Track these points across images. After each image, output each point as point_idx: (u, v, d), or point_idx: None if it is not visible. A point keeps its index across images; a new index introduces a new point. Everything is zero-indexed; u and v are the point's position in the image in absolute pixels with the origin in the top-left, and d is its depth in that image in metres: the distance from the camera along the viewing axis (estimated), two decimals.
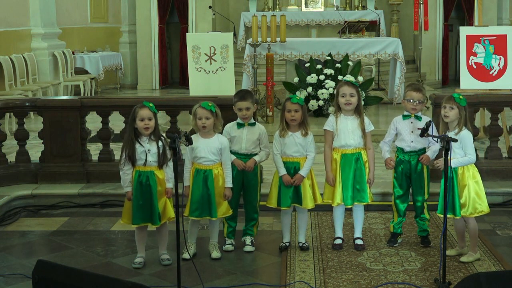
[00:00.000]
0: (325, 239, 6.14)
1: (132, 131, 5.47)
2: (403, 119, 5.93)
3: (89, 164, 7.80)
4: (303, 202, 5.82)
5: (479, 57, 9.03)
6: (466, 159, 5.49)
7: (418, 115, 5.89)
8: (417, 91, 5.85)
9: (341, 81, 6.36)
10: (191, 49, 8.91)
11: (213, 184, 5.63)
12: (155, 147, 5.47)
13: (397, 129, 5.92)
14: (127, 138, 5.50)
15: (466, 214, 5.52)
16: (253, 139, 5.84)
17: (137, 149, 5.45)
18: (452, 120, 5.51)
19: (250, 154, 5.84)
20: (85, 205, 7.31)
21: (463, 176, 5.51)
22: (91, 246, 6.08)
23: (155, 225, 5.52)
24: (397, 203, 5.99)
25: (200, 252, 5.82)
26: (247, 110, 5.81)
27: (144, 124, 5.43)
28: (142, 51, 16.65)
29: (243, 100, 5.82)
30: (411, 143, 5.87)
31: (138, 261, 5.57)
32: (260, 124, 6.00)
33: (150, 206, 5.47)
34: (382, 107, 12.30)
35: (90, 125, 8.12)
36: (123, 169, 5.50)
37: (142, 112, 5.45)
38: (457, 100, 5.47)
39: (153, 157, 5.47)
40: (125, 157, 5.47)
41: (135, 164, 5.47)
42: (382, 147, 5.97)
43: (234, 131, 5.86)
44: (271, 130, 9.11)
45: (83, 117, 7.78)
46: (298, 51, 11.95)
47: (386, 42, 12.33)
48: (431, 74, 16.64)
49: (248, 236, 5.98)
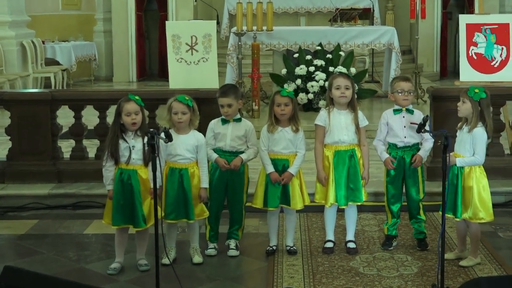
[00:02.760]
0: (315, 242, 6.15)
1: (117, 126, 5.47)
2: (394, 113, 5.94)
3: (60, 163, 7.78)
4: (291, 202, 5.82)
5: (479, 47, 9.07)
6: (472, 160, 5.51)
7: (409, 108, 5.92)
8: (406, 81, 5.91)
9: (334, 73, 6.38)
10: (171, 38, 8.89)
11: (189, 184, 5.63)
12: (140, 144, 5.46)
13: (388, 124, 5.94)
14: (111, 134, 5.50)
15: (467, 217, 5.55)
16: (238, 136, 5.84)
17: (120, 145, 5.44)
18: (464, 114, 5.55)
19: (236, 151, 5.84)
20: (56, 206, 7.28)
21: (469, 177, 5.52)
22: (63, 251, 6.05)
23: (139, 228, 5.50)
24: (390, 204, 6.01)
25: (180, 256, 5.81)
26: (229, 107, 5.80)
27: (131, 119, 5.42)
28: (118, 40, 16.57)
29: (224, 96, 5.82)
30: (405, 138, 5.90)
31: (114, 266, 5.55)
32: (247, 120, 5.99)
33: (131, 207, 5.46)
34: (376, 101, 12.33)
35: (61, 120, 8.08)
36: (105, 165, 5.51)
37: (128, 106, 5.43)
38: (469, 94, 5.49)
39: (138, 154, 5.45)
40: (107, 153, 5.48)
41: (118, 161, 5.46)
42: (377, 146, 5.98)
43: (218, 128, 5.85)
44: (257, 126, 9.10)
45: (54, 112, 7.74)
46: (286, 40, 11.94)
47: (381, 31, 12.35)
48: (428, 66, 16.68)
49: (232, 239, 5.98)
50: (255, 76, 10.90)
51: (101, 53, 16.97)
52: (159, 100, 7.67)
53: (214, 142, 5.84)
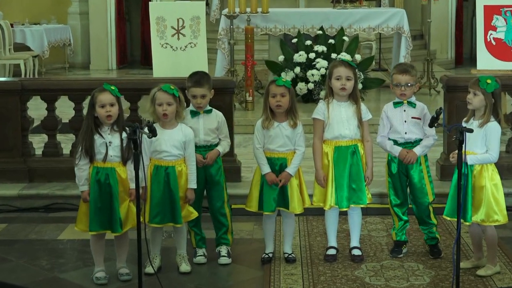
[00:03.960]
0: (315, 249, 6.17)
1: (91, 119, 5.46)
2: (394, 106, 5.95)
3: (31, 160, 7.77)
4: (290, 205, 5.83)
5: (499, 32, 9.09)
6: (486, 157, 5.51)
7: (411, 101, 5.92)
8: (404, 73, 5.87)
9: (335, 60, 6.37)
10: (155, 21, 8.88)
11: (176, 183, 5.63)
12: (117, 139, 5.45)
13: (388, 118, 5.94)
14: (85, 128, 5.48)
15: (477, 221, 5.54)
16: (211, 128, 5.87)
17: (96, 140, 5.43)
18: (476, 107, 5.53)
19: (210, 145, 5.87)
20: (27, 209, 7.28)
21: (481, 175, 5.53)
22: (35, 259, 6.04)
23: (116, 233, 5.50)
24: (393, 206, 6.01)
25: (166, 265, 5.81)
26: (203, 98, 5.82)
27: (106, 112, 5.41)
28: (96, 23, 16.55)
29: (198, 86, 5.82)
30: (405, 134, 5.90)
31: (99, 276, 5.52)
32: (217, 111, 6.00)
33: (110, 210, 5.45)
34: (384, 91, 12.33)
35: (32, 112, 8.07)
36: (78, 164, 5.48)
37: (103, 96, 5.43)
38: (481, 85, 5.47)
39: (115, 151, 5.45)
40: (81, 150, 5.45)
41: (93, 159, 5.45)
42: (383, 142, 5.95)
43: (188, 122, 5.83)
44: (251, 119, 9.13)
45: (24, 103, 7.73)
46: (283, 24, 11.94)
47: (389, 13, 12.35)
48: (442, 52, 16.71)
49: (223, 245, 5.99)
50: (248, 63, 10.90)
51: (76, 38, 16.94)
52: (142, 90, 7.67)
53: None
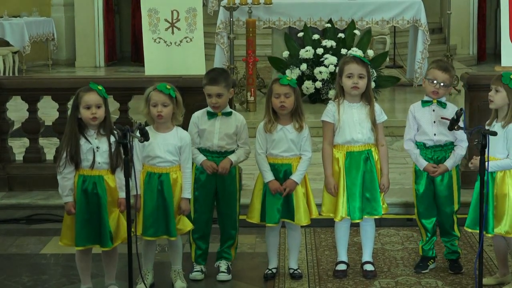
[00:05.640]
0: (324, 264, 6.18)
1: (75, 122, 5.46)
2: (422, 106, 5.96)
3: (11, 166, 7.78)
4: (295, 216, 5.84)
5: None
6: (507, 162, 5.49)
7: (441, 100, 5.93)
8: (444, 71, 5.88)
9: (346, 56, 6.38)
10: (146, 13, 8.89)
11: (170, 192, 5.63)
12: (105, 144, 5.45)
13: (416, 119, 5.95)
14: (69, 132, 5.47)
15: (501, 232, 5.53)
16: (228, 133, 5.85)
17: (81, 146, 5.43)
18: (498, 106, 5.53)
19: (225, 152, 5.86)
20: (6, 220, 7.28)
21: (503, 183, 5.52)
22: (15, 275, 6.05)
23: (106, 247, 5.48)
24: (422, 217, 6.01)
25: (159, 281, 5.83)
26: (219, 97, 5.81)
27: (91, 114, 5.41)
28: (82, 16, 16.58)
29: (213, 84, 5.82)
30: (434, 136, 5.91)
31: None
32: (238, 113, 6.01)
33: (98, 223, 5.44)
34: (399, 90, 12.36)
35: (12, 114, 8.08)
36: (62, 172, 5.45)
37: (88, 97, 5.43)
38: (504, 81, 5.47)
39: (103, 157, 5.44)
40: (65, 156, 5.44)
41: (79, 166, 5.45)
42: (410, 150, 5.95)
43: (203, 123, 5.86)
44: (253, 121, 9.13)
45: (3, 104, 7.74)
46: (288, 16, 11.96)
47: (405, 4, 12.37)
48: (463, 47, 16.73)
49: (223, 260, 6.00)
50: (250, 60, 10.91)
51: (60, 32, 16.96)
52: (133, 90, 7.68)
53: (198, 140, 5.86)
